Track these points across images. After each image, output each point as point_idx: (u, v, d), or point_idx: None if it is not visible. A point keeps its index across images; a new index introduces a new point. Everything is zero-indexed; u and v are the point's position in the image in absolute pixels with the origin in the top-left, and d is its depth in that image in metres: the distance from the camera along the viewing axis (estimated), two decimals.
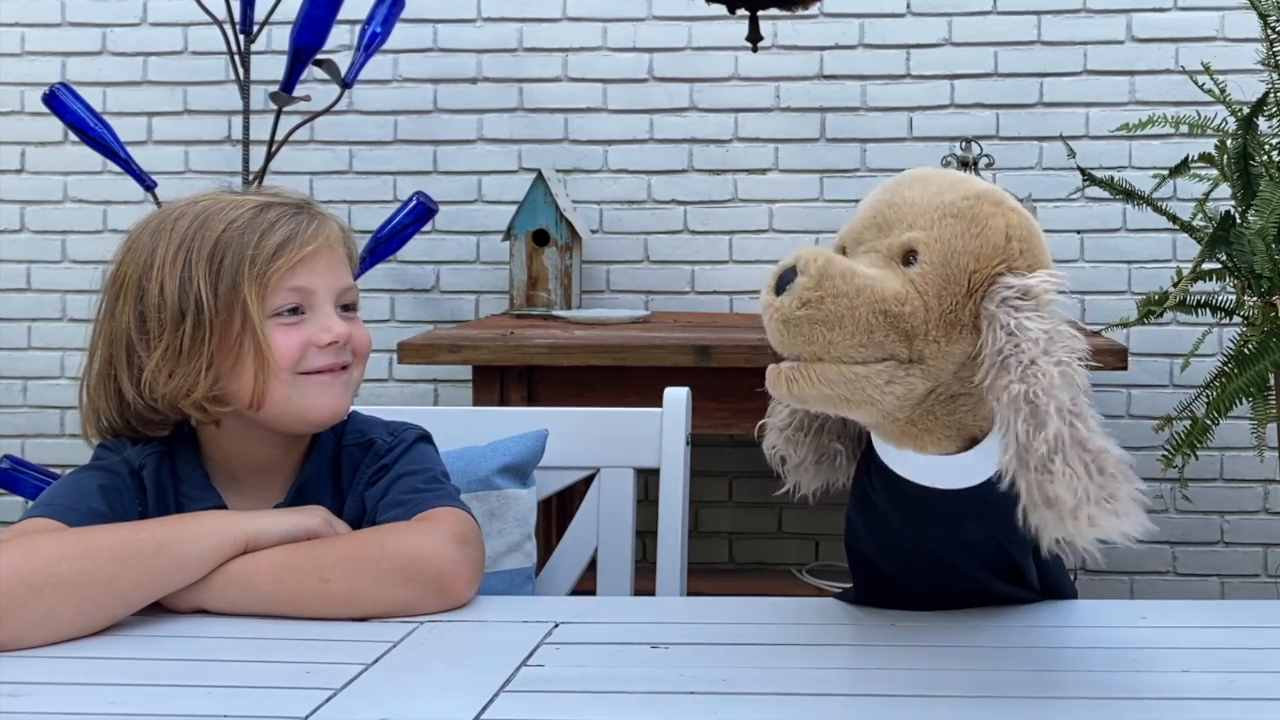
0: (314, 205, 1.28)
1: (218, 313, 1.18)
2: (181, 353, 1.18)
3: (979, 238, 0.97)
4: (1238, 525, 2.97)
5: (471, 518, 1.19)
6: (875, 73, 3.02)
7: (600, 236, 3.06)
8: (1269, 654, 1.01)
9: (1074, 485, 0.88)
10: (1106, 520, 0.88)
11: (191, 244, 1.20)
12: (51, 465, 2.88)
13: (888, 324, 0.94)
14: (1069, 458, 0.88)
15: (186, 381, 1.19)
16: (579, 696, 0.92)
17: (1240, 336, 2.29)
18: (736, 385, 2.38)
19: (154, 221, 1.25)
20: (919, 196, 1.00)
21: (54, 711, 0.89)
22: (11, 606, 1.02)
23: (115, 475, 1.22)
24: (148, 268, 1.20)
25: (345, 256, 1.27)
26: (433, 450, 1.31)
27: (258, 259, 1.19)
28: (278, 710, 0.88)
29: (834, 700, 0.91)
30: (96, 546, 1.07)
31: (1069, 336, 0.95)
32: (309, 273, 1.22)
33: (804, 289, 0.93)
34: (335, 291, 1.24)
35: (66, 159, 3.13)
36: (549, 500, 1.60)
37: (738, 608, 1.13)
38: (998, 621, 1.08)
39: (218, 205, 1.23)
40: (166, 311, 1.19)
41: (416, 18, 3.00)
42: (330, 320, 1.22)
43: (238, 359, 1.19)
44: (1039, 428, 0.89)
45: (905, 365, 0.96)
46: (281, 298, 1.20)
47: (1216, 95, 2.34)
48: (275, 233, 1.21)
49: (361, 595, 1.09)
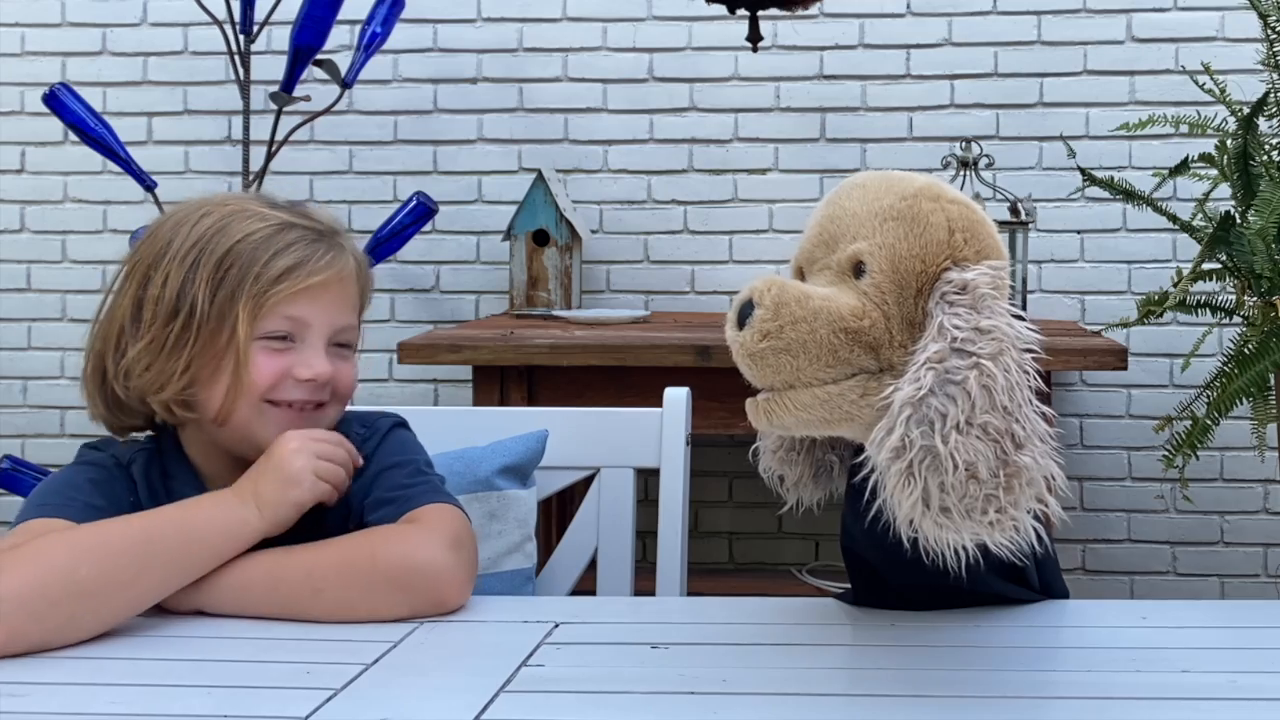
0: (339, 235, 1.25)
1: (208, 320, 1.17)
2: (164, 349, 1.18)
3: (921, 237, 0.97)
4: (1238, 525, 2.97)
5: (462, 512, 1.18)
6: (875, 73, 3.02)
7: (600, 236, 3.06)
8: (1269, 654, 1.01)
9: (912, 494, 0.89)
10: (949, 529, 0.89)
11: (205, 246, 1.19)
12: (51, 465, 2.88)
13: (850, 340, 0.94)
14: (915, 467, 0.90)
15: (160, 378, 1.18)
16: (579, 696, 0.92)
17: (1240, 336, 2.29)
18: (736, 385, 2.37)
19: (181, 212, 1.24)
20: (858, 205, 1.00)
21: (54, 711, 0.89)
22: (33, 620, 1.01)
23: (103, 469, 1.21)
24: (159, 257, 1.20)
25: (354, 294, 1.25)
26: (410, 436, 1.29)
27: (261, 278, 1.18)
28: (278, 710, 0.88)
29: (833, 700, 0.91)
30: (114, 548, 1.06)
31: (1003, 331, 0.94)
32: (309, 304, 1.20)
33: (762, 321, 0.94)
34: (331, 329, 1.22)
35: (66, 159, 3.13)
36: (549, 500, 1.60)
37: (738, 608, 1.13)
38: (998, 621, 1.08)
39: (243, 213, 1.21)
40: (162, 305, 1.18)
41: (416, 18, 3.00)
42: (315, 357, 1.20)
43: (215, 370, 1.18)
44: (888, 432, 0.91)
45: (876, 375, 0.96)
46: (274, 323, 1.19)
47: (1216, 95, 2.34)
48: (286, 256, 1.19)
49: (354, 608, 1.08)
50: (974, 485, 0.90)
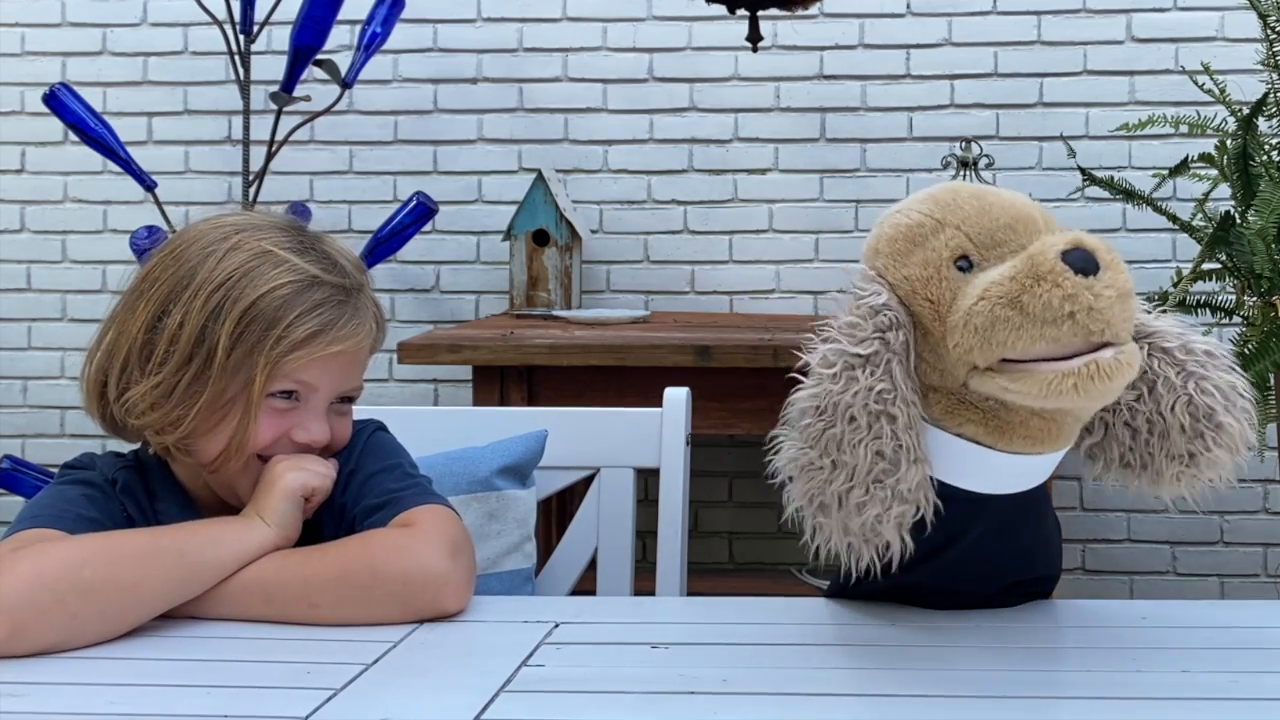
0: (364, 292, 1.22)
1: (225, 372, 1.14)
2: (170, 394, 1.14)
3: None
4: (1238, 525, 2.97)
5: (454, 513, 1.17)
6: (875, 73, 3.02)
7: (600, 236, 3.06)
8: (1269, 654, 1.01)
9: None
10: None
11: (230, 292, 1.15)
12: (51, 465, 2.87)
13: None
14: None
15: (163, 423, 1.15)
16: (579, 696, 0.92)
17: (1240, 336, 2.29)
18: (736, 385, 2.39)
19: (210, 236, 1.19)
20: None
21: (54, 711, 0.89)
22: (36, 613, 1.00)
23: (93, 486, 1.19)
24: (180, 289, 1.16)
25: (366, 359, 1.23)
26: (391, 439, 1.28)
27: (282, 341, 1.14)
28: (278, 710, 0.88)
29: (834, 700, 0.91)
30: (119, 552, 1.06)
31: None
32: (321, 371, 1.17)
33: (1116, 265, 0.88)
34: (338, 392, 1.20)
35: (66, 159, 3.13)
36: (549, 500, 1.60)
37: (738, 608, 1.13)
38: (998, 621, 1.08)
39: (272, 259, 1.17)
40: (176, 347, 1.14)
41: (416, 18, 3.00)
42: (314, 421, 1.18)
43: (218, 422, 1.15)
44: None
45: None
46: (283, 384, 1.17)
47: (1216, 95, 2.34)
48: (310, 320, 1.15)
49: (353, 619, 1.07)
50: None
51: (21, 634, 1.00)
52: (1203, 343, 1.00)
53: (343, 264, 1.22)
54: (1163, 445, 0.97)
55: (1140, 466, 0.99)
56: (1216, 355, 0.99)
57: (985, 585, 1.09)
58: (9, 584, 1.01)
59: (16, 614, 1.00)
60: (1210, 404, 0.96)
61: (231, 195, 3.04)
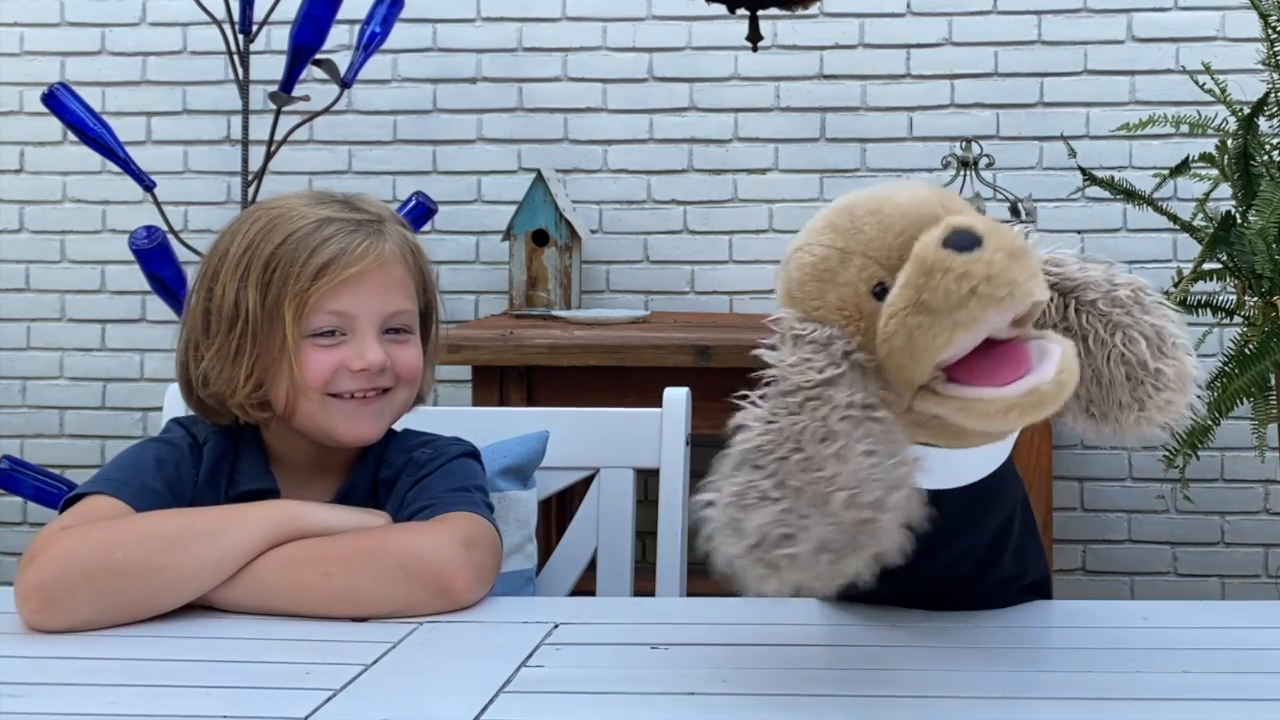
0: (383, 222, 1.26)
1: (261, 324, 1.20)
2: (229, 357, 1.21)
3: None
4: (1238, 526, 2.97)
5: (490, 524, 1.19)
6: (875, 73, 3.02)
7: (600, 236, 3.06)
8: (1269, 654, 1.01)
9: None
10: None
11: (254, 251, 1.21)
12: (51, 465, 2.88)
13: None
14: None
15: (231, 384, 1.21)
16: (579, 697, 0.92)
17: (1241, 337, 2.29)
18: (736, 385, 2.37)
19: (239, 218, 1.27)
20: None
21: (54, 711, 0.89)
22: (67, 592, 1.05)
23: (174, 448, 1.24)
24: (218, 268, 1.23)
25: (401, 277, 1.25)
26: (475, 466, 1.30)
27: (301, 277, 1.19)
28: (278, 710, 0.88)
29: (834, 700, 0.91)
30: (152, 535, 1.09)
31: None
32: (351, 296, 1.21)
33: (993, 227, 0.85)
34: (380, 316, 1.23)
35: (66, 159, 3.13)
36: (549, 500, 1.60)
37: (738, 608, 1.13)
38: (997, 622, 1.08)
39: (289, 211, 1.23)
40: (223, 314, 1.22)
41: (416, 18, 3.00)
42: (367, 346, 1.22)
43: (277, 372, 1.21)
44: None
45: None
46: (319, 320, 1.21)
47: (1217, 95, 2.34)
48: (323, 252, 1.20)
49: (362, 592, 1.09)
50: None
51: (53, 611, 1.05)
52: (1127, 286, 0.97)
53: (363, 205, 1.27)
54: (1111, 396, 0.97)
55: (1100, 417, 0.98)
56: (1142, 300, 0.97)
57: (985, 577, 1.09)
58: (45, 562, 1.06)
59: (48, 591, 1.05)
60: (1139, 352, 0.96)
61: (231, 195, 3.04)
